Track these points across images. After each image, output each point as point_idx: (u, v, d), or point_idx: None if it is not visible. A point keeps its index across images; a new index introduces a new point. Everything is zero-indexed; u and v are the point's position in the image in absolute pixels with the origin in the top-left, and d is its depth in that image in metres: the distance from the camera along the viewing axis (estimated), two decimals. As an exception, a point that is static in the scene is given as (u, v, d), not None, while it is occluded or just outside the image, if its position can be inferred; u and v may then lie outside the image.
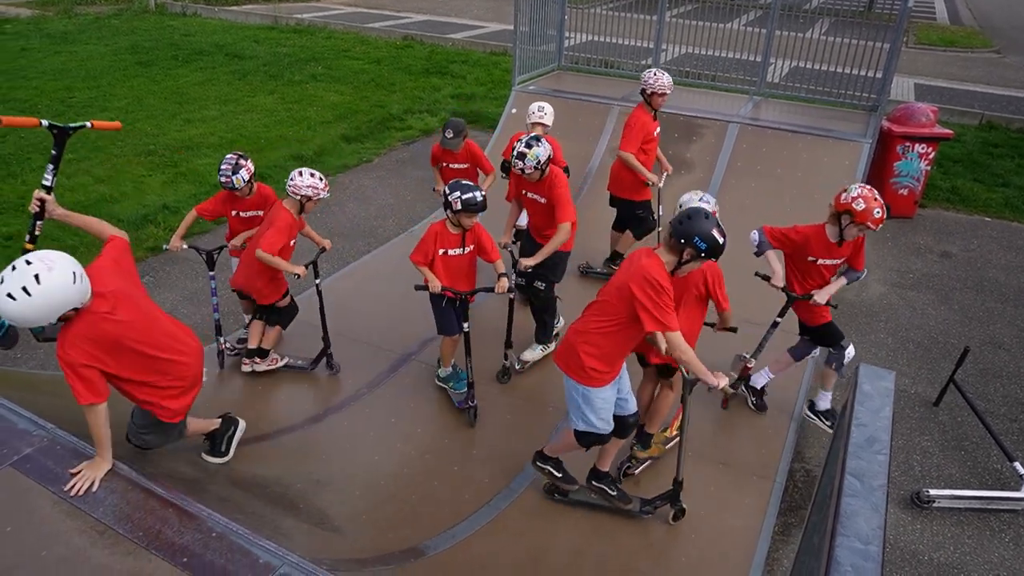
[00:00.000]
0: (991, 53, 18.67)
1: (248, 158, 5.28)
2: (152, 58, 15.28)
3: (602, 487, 4.30)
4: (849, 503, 1.93)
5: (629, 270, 3.67)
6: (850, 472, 2.03)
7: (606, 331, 3.73)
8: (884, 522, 1.87)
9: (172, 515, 2.93)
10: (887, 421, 2.24)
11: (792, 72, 9.92)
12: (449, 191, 4.70)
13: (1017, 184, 9.81)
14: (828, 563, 1.76)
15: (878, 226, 4.61)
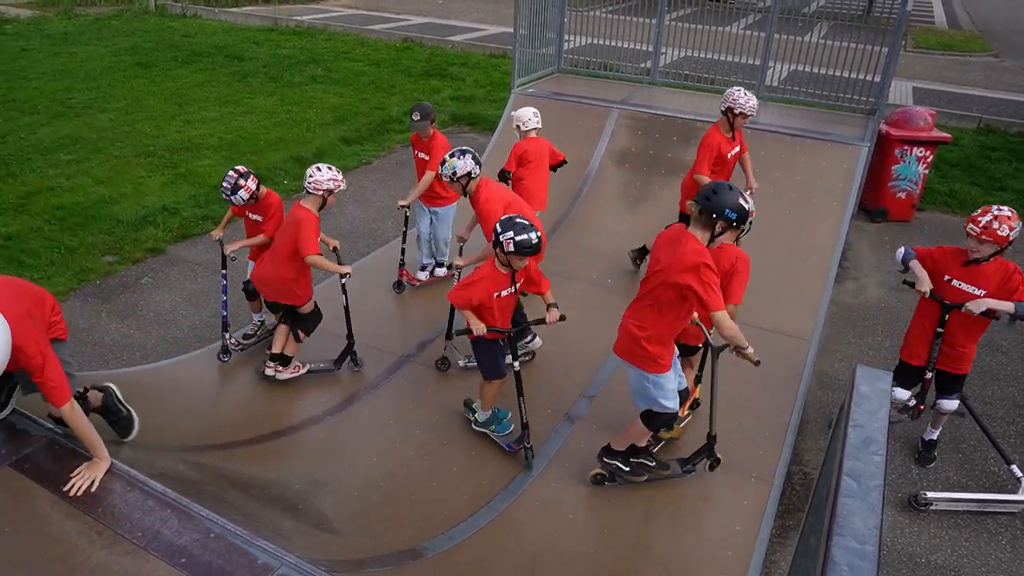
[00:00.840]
0: (989, 57, 18.71)
1: (250, 175, 5.17)
2: (152, 59, 15.30)
3: (642, 461, 4.47)
4: (846, 503, 1.94)
5: (672, 256, 3.81)
6: (847, 473, 2.04)
7: (662, 317, 3.93)
8: (880, 522, 1.88)
9: (171, 515, 2.93)
10: (884, 422, 2.25)
11: (791, 75, 9.94)
12: (501, 229, 4.26)
13: (1014, 188, 9.83)
14: (824, 563, 1.77)
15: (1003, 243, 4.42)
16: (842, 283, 7.41)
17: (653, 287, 3.92)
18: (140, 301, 6.74)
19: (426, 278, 6.86)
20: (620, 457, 4.44)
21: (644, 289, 4.03)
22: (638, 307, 4.07)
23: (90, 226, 7.96)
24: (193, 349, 5.95)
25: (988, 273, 4.50)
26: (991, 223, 4.38)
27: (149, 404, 5.16)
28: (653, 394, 4.12)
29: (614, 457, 4.46)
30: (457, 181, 5.11)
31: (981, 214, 4.44)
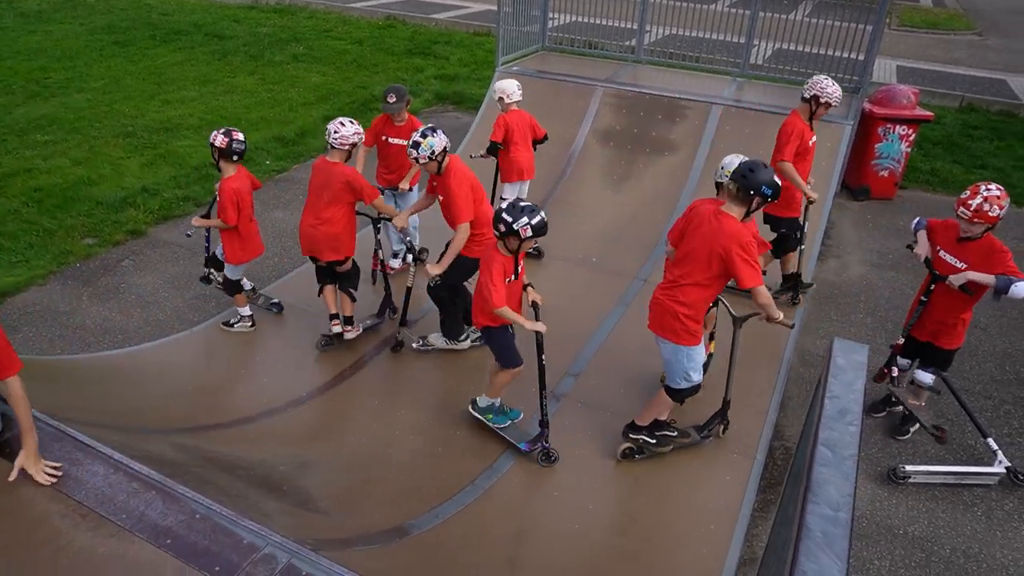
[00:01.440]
0: (973, 35, 18.77)
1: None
2: (129, 38, 15.02)
3: (664, 432, 4.63)
4: (821, 472, 1.99)
5: (709, 233, 4.00)
6: (822, 443, 2.09)
7: (701, 292, 4.12)
8: (854, 490, 1.93)
9: (155, 497, 2.92)
10: (859, 394, 2.29)
11: (775, 54, 9.93)
12: (512, 218, 4.13)
13: (995, 166, 9.91)
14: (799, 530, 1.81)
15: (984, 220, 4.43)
16: (825, 261, 7.47)
17: (693, 262, 4.08)
18: (121, 284, 6.67)
19: (399, 265, 6.77)
20: (645, 431, 4.60)
21: (681, 267, 4.17)
22: (674, 285, 4.21)
23: (69, 208, 7.86)
24: (176, 331, 5.91)
25: (972, 248, 4.57)
26: (982, 206, 4.38)
27: (132, 387, 5.15)
28: (685, 366, 4.30)
29: (639, 432, 4.60)
30: (434, 159, 4.99)
31: (971, 196, 4.42)
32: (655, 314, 4.31)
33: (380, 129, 6.27)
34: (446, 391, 5.33)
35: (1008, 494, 4.74)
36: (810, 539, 1.79)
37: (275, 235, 7.57)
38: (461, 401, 5.20)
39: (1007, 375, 5.88)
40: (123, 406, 4.78)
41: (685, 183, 7.88)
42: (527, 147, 6.74)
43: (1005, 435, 5.23)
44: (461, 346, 5.68)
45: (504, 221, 4.15)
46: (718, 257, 3.96)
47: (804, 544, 1.78)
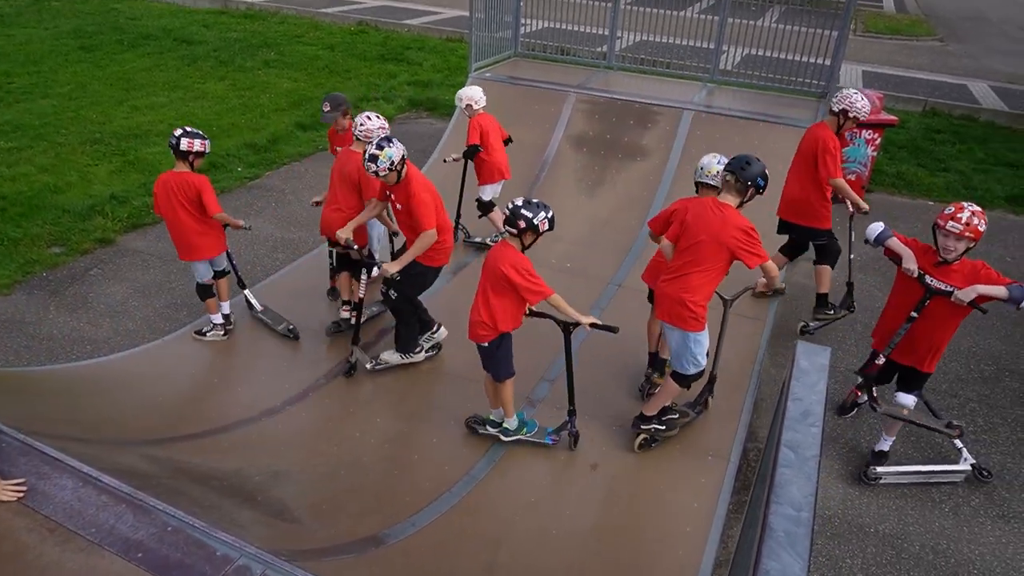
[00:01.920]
0: (935, 41, 19.20)
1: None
2: (96, 42, 14.77)
3: (671, 417, 4.86)
4: (783, 473, 2.02)
5: (715, 224, 4.28)
6: (785, 444, 2.13)
7: (707, 279, 4.37)
8: (816, 490, 1.96)
9: (126, 510, 2.88)
10: (821, 395, 2.34)
11: (745, 59, 10.08)
12: (531, 213, 4.23)
13: (958, 169, 10.15)
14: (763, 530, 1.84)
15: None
16: (795, 263, 7.57)
17: (700, 252, 4.34)
18: (90, 293, 6.56)
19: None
20: (655, 420, 4.80)
21: (686, 257, 4.40)
22: (680, 274, 4.43)
23: (34, 216, 7.70)
24: (147, 341, 5.82)
25: (956, 271, 4.41)
26: (971, 219, 4.23)
27: (102, 399, 5.07)
28: (693, 351, 4.53)
29: (649, 422, 4.80)
30: (394, 169, 4.89)
31: (957, 211, 4.29)
32: (664, 305, 4.52)
33: (332, 140, 6.43)
34: (422, 398, 5.32)
35: (974, 491, 4.85)
36: (773, 538, 1.83)
37: (248, 243, 7.50)
38: (438, 408, 5.20)
39: (972, 373, 6.02)
40: (93, 418, 4.70)
41: (658, 187, 7.95)
42: (501, 148, 6.86)
43: (971, 432, 5.35)
44: (416, 359, 5.57)
45: (524, 217, 4.24)
46: (726, 246, 4.27)
47: (767, 544, 1.81)
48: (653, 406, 4.78)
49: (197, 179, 5.33)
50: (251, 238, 7.60)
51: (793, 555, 1.78)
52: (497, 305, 4.44)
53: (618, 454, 4.81)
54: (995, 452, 5.19)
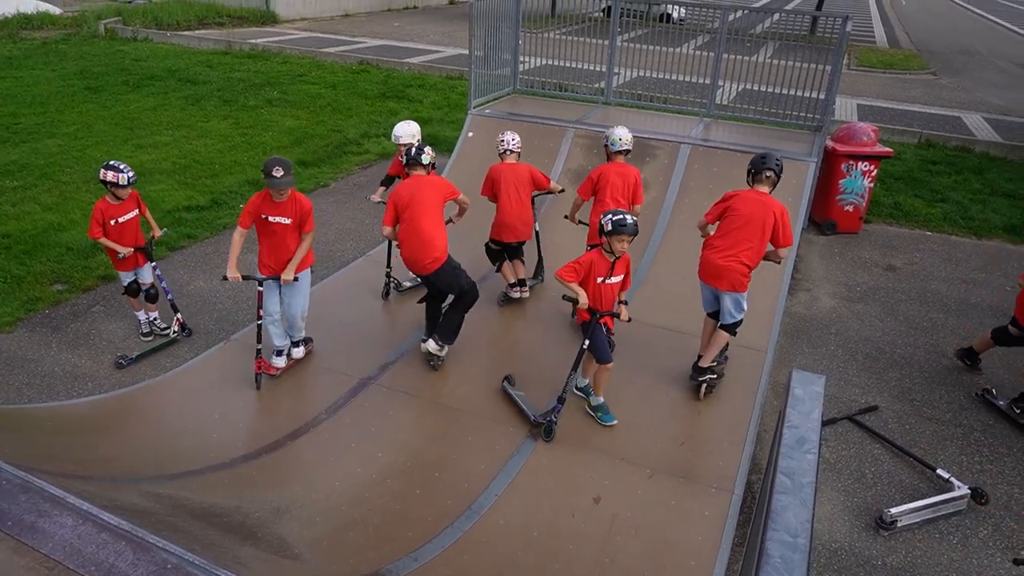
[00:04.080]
0: (928, 75, 19.51)
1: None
2: (102, 83, 15.03)
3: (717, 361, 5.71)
4: (780, 499, 2.02)
5: (762, 208, 5.27)
6: (781, 471, 2.13)
7: (754, 253, 5.30)
8: (812, 516, 1.96)
9: (125, 548, 2.85)
10: (816, 423, 2.35)
11: (740, 94, 10.24)
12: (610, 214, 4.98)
13: (955, 199, 10.24)
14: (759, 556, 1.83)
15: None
16: (795, 295, 7.61)
17: (750, 232, 5.27)
18: (92, 330, 6.58)
19: (284, 364, 5.79)
20: (709, 371, 5.59)
21: (740, 235, 5.28)
22: (737, 251, 5.29)
23: (38, 254, 7.76)
24: (147, 377, 5.82)
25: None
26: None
27: (102, 435, 5.05)
28: (742, 305, 5.46)
29: (705, 373, 5.59)
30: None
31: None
32: (727, 277, 5.33)
33: (259, 207, 5.42)
34: (424, 432, 5.30)
35: (982, 522, 4.80)
36: (770, 565, 1.82)
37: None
38: (439, 441, 5.18)
39: (975, 403, 5.99)
40: (92, 455, 4.68)
41: (657, 220, 8.01)
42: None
43: (975, 462, 5.32)
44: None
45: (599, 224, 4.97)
46: (771, 224, 5.24)
47: (764, 570, 1.81)
48: (708, 356, 5.59)
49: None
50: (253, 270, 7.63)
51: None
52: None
53: (620, 487, 4.77)
54: (1001, 482, 5.15)
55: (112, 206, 5.98)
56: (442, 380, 5.87)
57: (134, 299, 6.35)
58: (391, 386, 5.69)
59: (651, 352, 6.31)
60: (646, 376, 6.02)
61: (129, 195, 6.05)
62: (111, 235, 5.99)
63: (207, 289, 7.34)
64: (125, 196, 6.00)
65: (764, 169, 5.37)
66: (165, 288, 6.44)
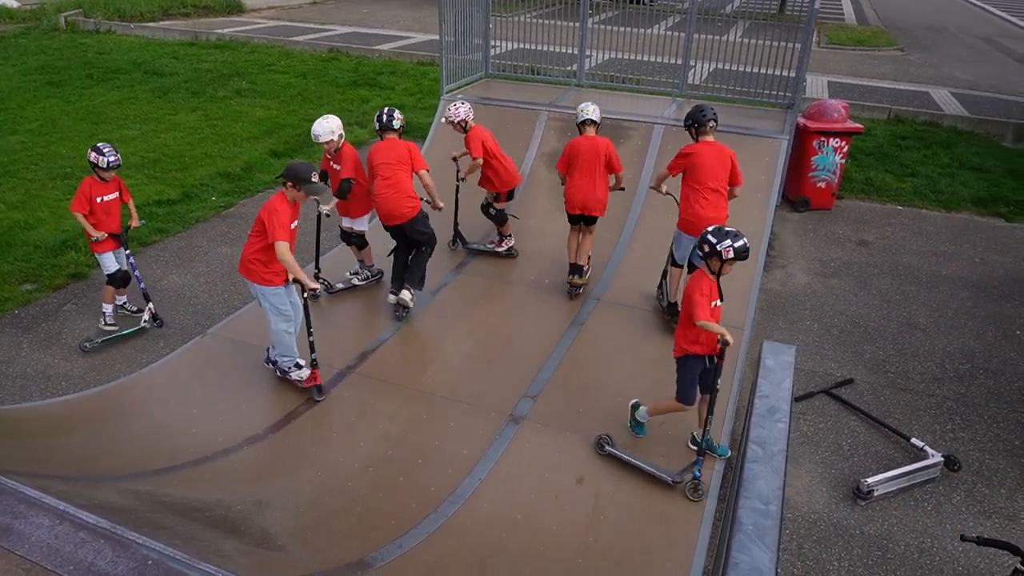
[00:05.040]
0: (896, 51, 19.67)
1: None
2: (64, 78, 14.68)
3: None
4: (751, 468, 2.05)
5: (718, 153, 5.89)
6: (753, 440, 2.16)
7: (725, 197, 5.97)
8: (783, 483, 1.99)
9: (104, 546, 2.83)
10: (787, 392, 2.38)
11: (712, 74, 10.26)
12: (716, 239, 4.38)
13: (924, 174, 10.37)
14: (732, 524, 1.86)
15: None
16: (770, 272, 7.68)
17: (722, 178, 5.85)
18: (63, 329, 6.47)
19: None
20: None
21: (714, 184, 5.81)
22: (718, 200, 5.84)
23: (5, 253, 7.59)
24: (122, 374, 5.75)
25: None
26: None
27: (78, 435, 4.99)
28: None
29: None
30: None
31: None
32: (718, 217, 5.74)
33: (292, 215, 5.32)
34: (405, 420, 5.29)
35: (955, 488, 4.91)
36: (742, 532, 1.84)
37: (224, 272, 7.45)
38: (420, 429, 5.18)
39: (947, 373, 6.11)
40: (69, 455, 4.62)
41: (632, 200, 8.03)
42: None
43: (948, 430, 5.43)
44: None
45: (708, 242, 4.44)
46: (728, 168, 5.86)
47: (736, 537, 1.83)
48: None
49: None
50: (227, 267, 7.56)
51: (762, 547, 1.80)
52: (681, 325, 4.64)
53: (603, 467, 4.81)
54: (973, 449, 5.26)
55: (99, 184, 6.01)
56: (421, 368, 5.86)
57: (114, 289, 6.30)
58: (370, 375, 5.67)
59: (629, 330, 6.35)
60: (624, 354, 6.06)
61: (112, 178, 6.06)
62: (96, 212, 5.99)
63: (181, 284, 7.24)
64: (108, 178, 6.03)
65: (707, 120, 5.87)
66: (138, 277, 6.39)
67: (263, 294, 5.25)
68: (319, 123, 6.32)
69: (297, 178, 5.05)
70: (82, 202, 5.96)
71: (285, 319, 5.32)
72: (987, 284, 7.57)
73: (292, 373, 5.45)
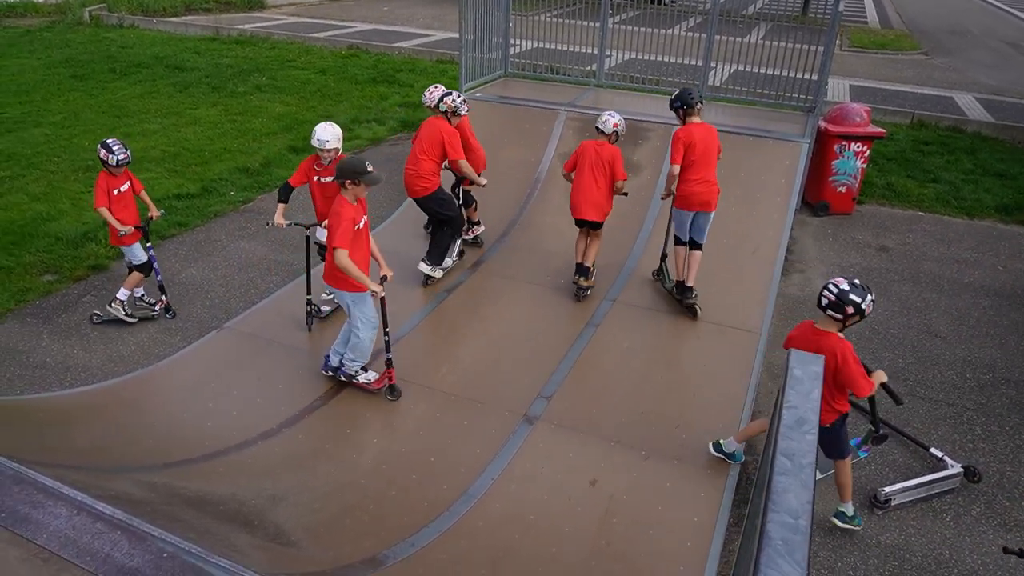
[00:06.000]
0: (920, 55, 19.45)
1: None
2: (88, 71, 14.84)
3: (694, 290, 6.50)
4: (780, 481, 2.01)
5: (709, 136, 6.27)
6: (781, 452, 2.12)
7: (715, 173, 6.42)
8: (813, 497, 1.95)
9: (121, 537, 2.84)
10: (816, 403, 2.33)
11: (733, 76, 10.19)
12: (859, 297, 4.00)
13: (947, 180, 10.24)
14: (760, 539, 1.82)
15: None
16: (788, 276, 7.61)
17: (713, 155, 6.23)
18: (83, 320, 6.53)
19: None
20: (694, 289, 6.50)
21: (706, 161, 6.17)
22: (711, 176, 6.23)
23: (27, 245, 7.68)
24: (141, 366, 5.79)
25: None
26: None
27: (96, 425, 5.03)
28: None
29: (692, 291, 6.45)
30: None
31: None
32: (713, 200, 6.26)
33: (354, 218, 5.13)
34: (418, 418, 5.30)
35: (974, 499, 4.84)
36: (771, 547, 1.81)
37: (241, 266, 7.49)
38: (434, 427, 5.18)
39: (968, 383, 6.02)
40: (87, 445, 4.67)
41: (651, 202, 7.99)
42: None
43: (968, 441, 5.35)
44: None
45: (853, 303, 3.99)
46: (717, 146, 6.30)
47: (765, 552, 1.80)
48: (693, 275, 6.37)
49: None
50: (245, 261, 7.60)
51: (792, 563, 1.77)
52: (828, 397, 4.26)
53: (616, 469, 4.79)
54: (994, 460, 5.18)
55: (112, 177, 6.10)
56: (434, 366, 5.86)
57: (140, 275, 6.36)
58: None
59: (644, 334, 6.32)
60: (639, 358, 6.03)
61: (123, 172, 6.16)
62: (114, 205, 6.06)
63: (199, 277, 7.29)
64: (119, 173, 6.11)
65: (695, 102, 6.21)
66: (156, 269, 6.47)
67: (353, 302, 5.13)
68: (327, 129, 5.90)
69: (355, 173, 4.94)
70: (103, 197, 6.02)
71: (372, 326, 5.25)
72: (1010, 293, 7.46)
73: (360, 377, 5.43)
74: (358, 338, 5.23)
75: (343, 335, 5.41)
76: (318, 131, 5.90)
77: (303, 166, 6.16)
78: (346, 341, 5.37)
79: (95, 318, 6.39)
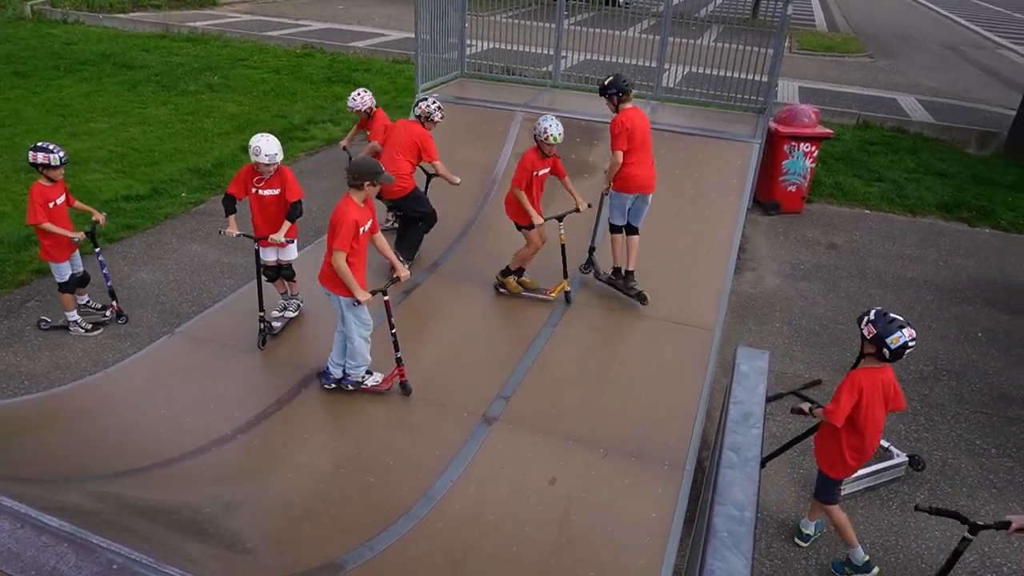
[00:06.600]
0: (865, 57, 20.02)
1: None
2: (30, 68, 14.34)
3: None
4: (726, 474, 2.06)
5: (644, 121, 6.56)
6: (727, 447, 2.17)
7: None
8: (758, 490, 2.00)
9: (68, 550, 2.76)
10: (761, 397, 2.40)
11: (686, 77, 10.34)
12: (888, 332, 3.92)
13: (891, 179, 10.57)
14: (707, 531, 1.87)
15: None
16: (741, 274, 7.78)
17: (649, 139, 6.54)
18: (27, 326, 6.32)
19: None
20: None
21: (645, 145, 6.49)
22: (649, 159, 6.52)
23: (-34, 249, 7.41)
24: (88, 373, 5.63)
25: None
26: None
27: (42, 435, 4.88)
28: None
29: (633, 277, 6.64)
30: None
31: None
32: (653, 183, 6.54)
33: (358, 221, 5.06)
34: (376, 421, 5.26)
35: (918, 487, 5.02)
36: (717, 539, 1.85)
37: (193, 269, 7.35)
38: (392, 429, 5.15)
39: (911, 374, 6.23)
40: (32, 456, 4.52)
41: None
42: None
43: (912, 431, 5.55)
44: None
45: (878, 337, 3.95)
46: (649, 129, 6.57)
47: (712, 544, 1.84)
48: (633, 260, 6.59)
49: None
50: (197, 264, 7.45)
51: (737, 554, 1.81)
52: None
53: (574, 468, 4.83)
54: (936, 449, 5.38)
55: (48, 188, 5.87)
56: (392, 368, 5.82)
57: (70, 295, 6.15)
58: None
59: (601, 333, 6.39)
60: (596, 357, 6.09)
61: (60, 179, 5.95)
62: (51, 219, 5.85)
63: (150, 281, 7.12)
64: (59, 177, 5.89)
65: (629, 88, 6.48)
66: (106, 275, 6.32)
67: (347, 305, 5.06)
68: (269, 142, 5.53)
69: (372, 173, 4.96)
70: (41, 211, 5.77)
71: (366, 326, 5.21)
72: (951, 287, 7.75)
73: (368, 381, 5.37)
74: (354, 343, 5.19)
75: (338, 345, 5.33)
76: (264, 146, 5.49)
77: (240, 177, 5.74)
78: (342, 351, 5.31)
79: (43, 324, 6.22)
